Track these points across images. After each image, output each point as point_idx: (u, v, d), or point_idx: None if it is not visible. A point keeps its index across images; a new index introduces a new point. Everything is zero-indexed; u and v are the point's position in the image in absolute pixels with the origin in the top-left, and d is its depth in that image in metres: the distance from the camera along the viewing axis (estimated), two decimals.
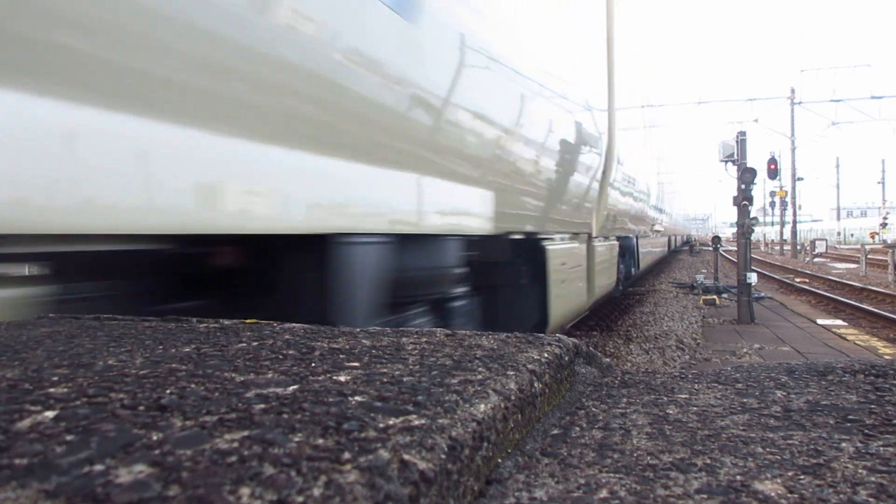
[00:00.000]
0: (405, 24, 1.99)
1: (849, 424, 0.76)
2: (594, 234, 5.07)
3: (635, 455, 0.67)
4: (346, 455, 0.50)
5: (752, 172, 9.88)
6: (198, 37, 1.30)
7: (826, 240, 30.18)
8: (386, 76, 1.91)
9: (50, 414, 0.59)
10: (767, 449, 0.68)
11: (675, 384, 1.00)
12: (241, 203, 1.41)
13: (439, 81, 2.24)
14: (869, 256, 19.83)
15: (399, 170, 2.02)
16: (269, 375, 0.76)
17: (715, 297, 12.02)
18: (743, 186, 9.73)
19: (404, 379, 0.75)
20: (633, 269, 8.80)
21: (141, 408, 0.61)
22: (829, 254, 31.58)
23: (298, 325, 1.20)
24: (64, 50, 1.08)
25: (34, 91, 1.04)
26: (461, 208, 2.51)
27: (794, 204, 33.23)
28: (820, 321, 9.54)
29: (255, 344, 0.98)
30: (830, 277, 17.01)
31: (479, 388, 0.72)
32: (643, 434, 0.74)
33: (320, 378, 0.75)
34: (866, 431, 0.74)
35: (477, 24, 2.60)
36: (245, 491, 0.43)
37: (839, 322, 9.50)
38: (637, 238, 8.90)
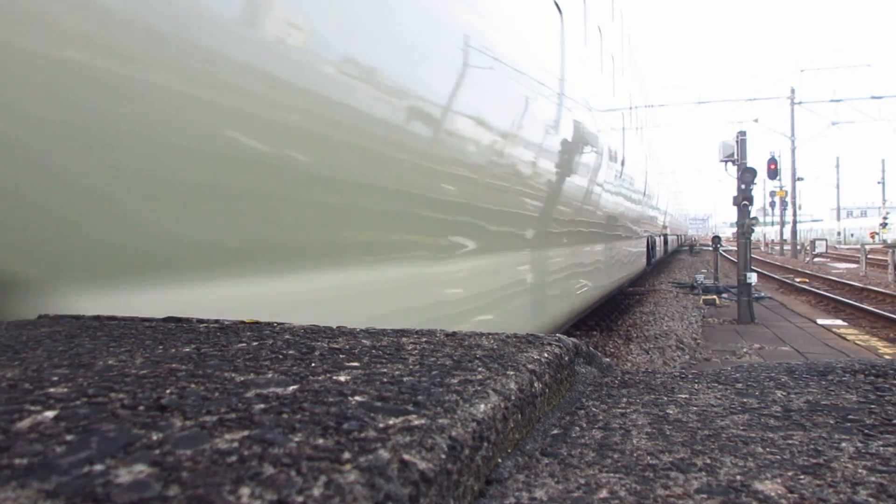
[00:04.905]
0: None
1: (849, 424, 0.76)
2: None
3: (635, 455, 0.67)
4: (346, 455, 0.50)
5: (752, 172, 9.88)
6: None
7: (826, 240, 30.18)
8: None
9: (50, 414, 0.59)
10: (767, 449, 0.68)
11: (675, 384, 1.00)
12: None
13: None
14: (869, 256, 19.83)
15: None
16: (269, 375, 0.76)
17: (715, 296, 12.02)
18: (743, 186, 9.73)
19: (404, 379, 0.75)
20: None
21: (141, 408, 0.62)
22: (829, 254, 31.58)
23: (298, 325, 1.21)
24: None
25: None
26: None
27: (794, 204, 33.23)
28: (820, 321, 9.54)
29: (255, 344, 0.98)
30: (830, 277, 17.01)
31: (479, 388, 0.72)
32: (643, 434, 0.74)
33: (320, 378, 0.75)
34: (866, 431, 0.74)
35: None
36: (245, 491, 0.43)
37: (839, 322, 9.50)
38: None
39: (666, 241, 20.89)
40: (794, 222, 33.13)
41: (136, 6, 1.30)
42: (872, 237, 45.34)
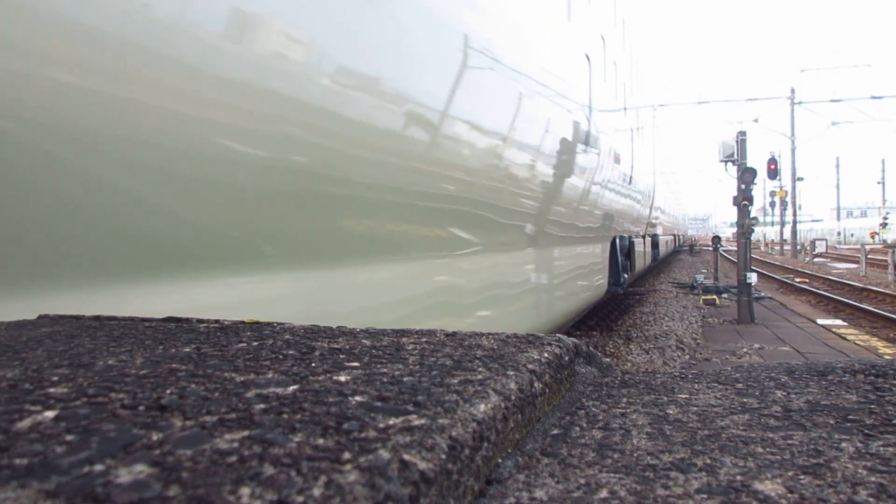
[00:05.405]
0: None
1: (849, 424, 0.76)
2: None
3: (635, 455, 0.67)
4: (346, 455, 0.50)
5: (752, 172, 9.88)
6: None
7: (826, 240, 30.18)
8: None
9: (50, 414, 0.59)
10: (767, 449, 0.68)
11: (675, 384, 1.00)
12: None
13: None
14: (869, 256, 19.82)
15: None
16: (269, 375, 0.76)
17: (715, 296, 12.02)
18: (743, 186, 9.73)
19: (404, 379, 0.75)
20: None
21: (141, 408, 0.61)
22: (829, 254, 31.57)
23: (298, 325, 1.21)
24: None
25: None
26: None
27: (794, 204, 33.21)
28: (820, 321, 9.53)
29: (255, 344, 0.98)
30: (830, 277, 17.01)
31: (479, 388, 0.72)
32: (643, 434, 0.74)
33: (320, 378, 0.75)
34: (866, 431, 0.74)
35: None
36: (245, 491, 0.43)
37: (839, 322, 9.50)
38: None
39: (655, 244, 14.05)
40: (794, 222, 33.12)
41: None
42: (872, 237, 45.35)
